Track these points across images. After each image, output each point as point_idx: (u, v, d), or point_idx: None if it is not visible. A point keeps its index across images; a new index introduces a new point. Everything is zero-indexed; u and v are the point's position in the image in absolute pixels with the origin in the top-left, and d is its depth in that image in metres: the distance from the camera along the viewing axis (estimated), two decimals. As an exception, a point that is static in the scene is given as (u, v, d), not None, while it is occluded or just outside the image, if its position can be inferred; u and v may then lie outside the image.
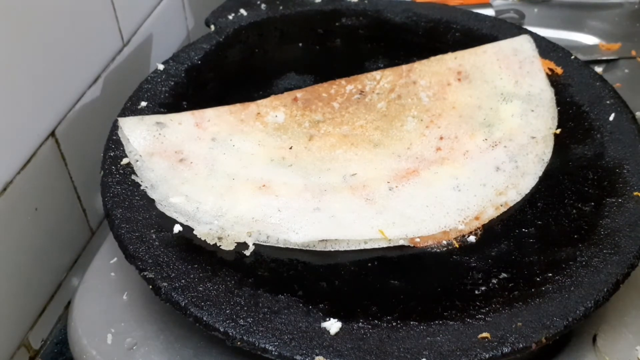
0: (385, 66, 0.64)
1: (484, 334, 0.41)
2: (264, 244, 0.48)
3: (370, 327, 0.42)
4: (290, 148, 0.55)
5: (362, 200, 0.50)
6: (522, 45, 0.64)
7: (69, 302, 0.53)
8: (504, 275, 0.45)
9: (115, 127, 0.55)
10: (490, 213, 0.50)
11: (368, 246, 0.48)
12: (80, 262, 0.60)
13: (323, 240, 0.48)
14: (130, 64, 0.67)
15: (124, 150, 0.53)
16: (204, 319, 0.42)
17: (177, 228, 0.48)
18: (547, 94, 0.60)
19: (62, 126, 0.56)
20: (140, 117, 0.56)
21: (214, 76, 0.64)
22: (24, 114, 0.51)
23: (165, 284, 0.43)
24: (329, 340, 0.41)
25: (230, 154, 0.54)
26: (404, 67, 0.63)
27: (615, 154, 0.53)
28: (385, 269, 0.47)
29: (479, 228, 0.49)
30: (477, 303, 0.43)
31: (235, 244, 0.47)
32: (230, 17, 0.71)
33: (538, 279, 0.44)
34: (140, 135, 0.54)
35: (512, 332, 0.41)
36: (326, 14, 0.72)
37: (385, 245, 0.48)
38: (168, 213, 0.49)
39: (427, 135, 0.56)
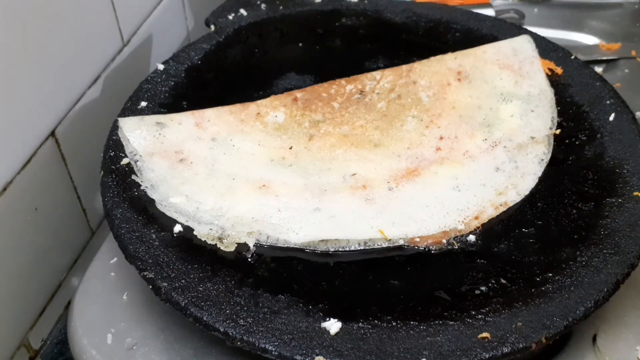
0: (385, 66, 0.64)
1: (484, 334, 0.41)
2: (264, 244, 0.48)
3: (370, 327, 0.42)
4: (290, 148, 0.55)
5: (362, 200, 0.50)
6: (522, 45, 0.64)
7: (69, 302, 0.53)
8: (503, 275, 0.45)
9: (115, 127, 0.55)
10: (490, 213, 0.50)
11: (368, 246, 0.48)
12: (80, 262, 0.60)
13: (323, 240, 0.48)
14: (130, 64, 0.67)
15: (124, 150, 0.53)
16: (204, 319, 0.42)
17: (177, 228, 0.48)
18: (547, 94, 0.60)
19: (62, 126, 0.56)
20: (140, 117, 0.56)
21: (214, 76, 0.64)
22: (24, 114, 0.51)
23: (165, 284, 0.43)
24: (329, 340, 0.41)
25: (230, 154, 0.54)
26: (404, 67, 0.63)
27: (615, 154, 0.53)
28: (385, 269, 0.47)
29: (478, 228, 0.49)
30: (477, 303, 0.43)
31: (236, 245, 0.47)
32: (230, 17, 0.71)
33: (538, 279, 0.44)
34: (140, 135, 0.54)
35: (512, 332, 0.41)
36: (326, 14, 0.72)
37: (385, 245, 0.48)
38: (168, 213, 0.49)
39: (427, 135, 0.56)
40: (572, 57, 0.63)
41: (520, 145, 0.55)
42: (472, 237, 0.48)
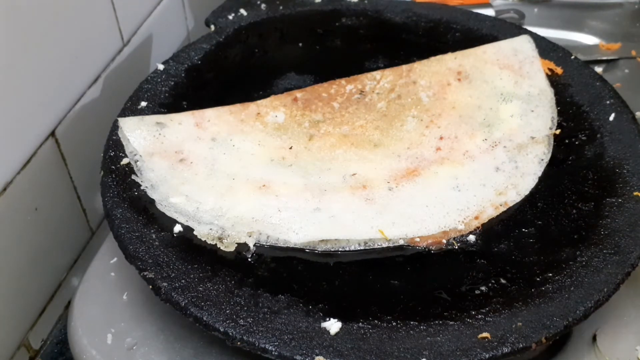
0: (385, 66, 0.64)
1: (484, 334, 0.41)
2: (264, 244, 0.48)
3: (370, 327, 0.42)
4: (290, 148, 0.55)
5: (362, 200, 0.50)
6: (522, 45, 0.64)
7: (69, 302, 0.53)
8: (503, 275, 0.45)
9: (115, 127, 0.55)
10: (490, 213, 0.50)
11: (368, 246, 0.48)
12: (80, 262, 0.60)
13: (323, 240, 0.48)
14: (130, 64, 0.67)
15: (124, 150, 0.53)
16: (204, 319, 0.42)
17: (177, 228, 0.48)
18: (547, 94, 0.60)
19: (62, 126, 0.56)
20: (140, 117, 0.56)
21: (214, 76, 0.64)
22: (24, 114, 0.51)
23: (165, 284, 0.43)
24: (329, 340, 0.41)
25: (230, 154, 0.54)
26: (404, 67, 0.63)
27: (615, 154, 0.53)
28: (385, 269, 0.47)
29: (478, 228, 0.49)
30: (477, 303, 0.43)
31: (236, 245, 0.47)
32: (230, 17, 0.71)
33: (538, 279, 0.44)
34: (140, 135, 0.54)
35: (512, 332, 0.41)
36: (326, 14, 0.72)
37: (385, 245, 0.48)
38: (168, 213, 0.49)
39: (427, 135, 0.56)
40: (572, 57, 0.63)
41: (520, 145, 0.55)
42: (472, 237, 0.48)
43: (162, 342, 0.47)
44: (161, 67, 0.63)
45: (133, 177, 0.51)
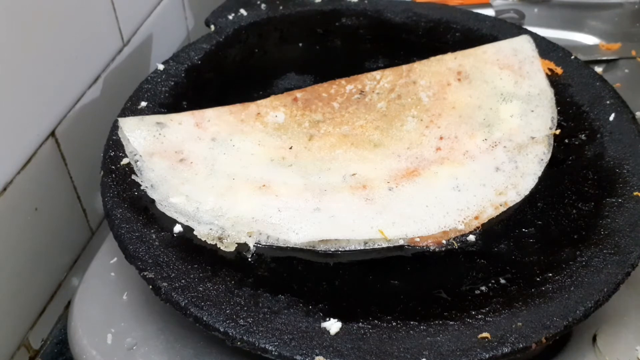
0: (385, 66, 0.64)
1: (484, 334, 0.41)
2: (264, 244, 0.48)
3: (370, 327, 0.42)
4: (290, 148, 0.55)
5: (362, 200, 0.50)
6: (522, 45, 0.64)
7: (69, 302, 0.53)
8: (503, 275, 0.45)
9: (115, 127, 0.55)
10: (490, 213, 0.50)
11: (368, 246, 0.48)
12: (80, 262, 0.60)
13: (323, 240, 0.48)
14: (130, 64, 0.67)
15: (124, 150, 0.53)
16: (204, 319, 0.42)
17: (177, 228, 0.48)
18: (546, 94, 0.60)
19: (62, 126, 0.56)
20: (140, 117, 0.56)
21: (214, 76, 0.64)
22: (24, 114, 0.51)
23: (165, 284, 0.43)
24: (329, 340, 0.41)
25: (230, 154, 0.54)
26: (404, 67, 0.63)
27: (615, 154, 0.53)
28: (385, 269, 0.47)
29: (478, 228, 0.49)
30: (477, 303, 0.43)
31: (236, 245, 0.47)
32: (230, 17, 0.71)
33: (538, 279, 0.44)
34: (140, 135, 0.54)
35: (512, 332, 0.41)
36: (326, 14, 0.72)
37: (385, 245, 0.48)
38: (168, 213, 0.49)
39: (427, 135, 0.56)
40: (572, 57, 0.63)
41: (520, 145, 0.55)
42: (472, 237, 0.48)
43: (162, 342, 0.47)
44: (161, 67, 0.63)
45: (133, 177, 0.51)
